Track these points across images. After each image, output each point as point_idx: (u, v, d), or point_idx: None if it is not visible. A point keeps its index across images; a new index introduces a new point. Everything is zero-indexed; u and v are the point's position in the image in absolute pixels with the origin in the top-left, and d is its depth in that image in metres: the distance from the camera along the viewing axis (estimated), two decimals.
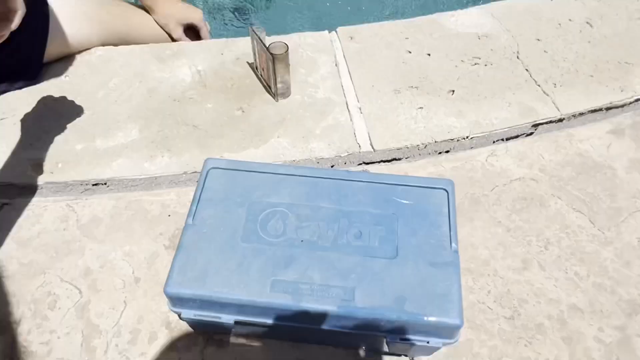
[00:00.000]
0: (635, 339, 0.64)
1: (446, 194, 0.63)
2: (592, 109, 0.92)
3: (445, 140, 0.88)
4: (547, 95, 0.95)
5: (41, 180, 0.82)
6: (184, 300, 0.53)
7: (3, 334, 0.64)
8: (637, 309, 0.67)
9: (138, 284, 0.71)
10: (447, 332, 0.51)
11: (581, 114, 0.92)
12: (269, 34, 0.97)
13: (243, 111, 0.93)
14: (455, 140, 0.88)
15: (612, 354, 0.62)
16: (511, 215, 0.78)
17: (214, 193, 0.64)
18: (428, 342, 0.52)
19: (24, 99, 0.94)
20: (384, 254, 0.57)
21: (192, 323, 0.60)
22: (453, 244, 0.57)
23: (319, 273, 0.54)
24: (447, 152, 0.89)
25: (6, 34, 0.65)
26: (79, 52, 1.04)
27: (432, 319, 0.49)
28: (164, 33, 1.13)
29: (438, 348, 0.55)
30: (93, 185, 0.84)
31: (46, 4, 0.91)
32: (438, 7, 1.13)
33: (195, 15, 1.17)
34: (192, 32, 1.18)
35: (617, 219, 0.77)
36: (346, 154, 0.85)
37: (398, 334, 0.52)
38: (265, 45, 0.87)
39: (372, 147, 0.86)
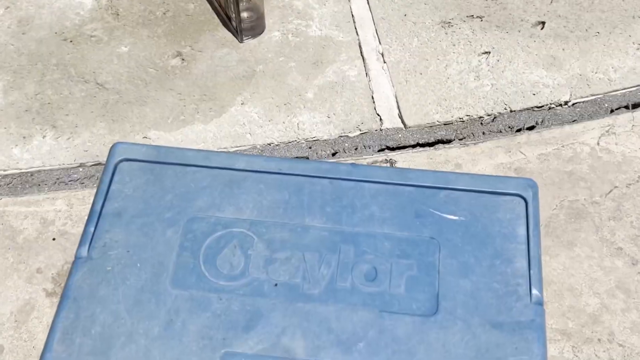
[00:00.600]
0: None
1: (524, 203, 0.64)
2: None
3: (527, 109, 0.88)
4: None
5: None
6: None
7: None
8: None
9: (1, 357, 0.72)
10: None
11: None
12: None
13: (182, 59, 0.94)
14: (546, 107, 0.88)
15: None
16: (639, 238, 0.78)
17: (125, 203, 0.66)
18: None
19: None
20: (415, 309, 0.59)
21: None
22: (534, 291, 0.59)
23: (303, 340, 0.57)
24: (530, 128, 0.88)
25: None
26: None
27: None
28: None
29: None
30: None
31: None
32: None
33: None
34: None
35: None
36: (359, 132, 0.86)
37: None
38: None
39: (403, 122, 0.87)
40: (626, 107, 0.92)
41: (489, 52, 0.94)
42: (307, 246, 0.64)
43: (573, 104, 0.90)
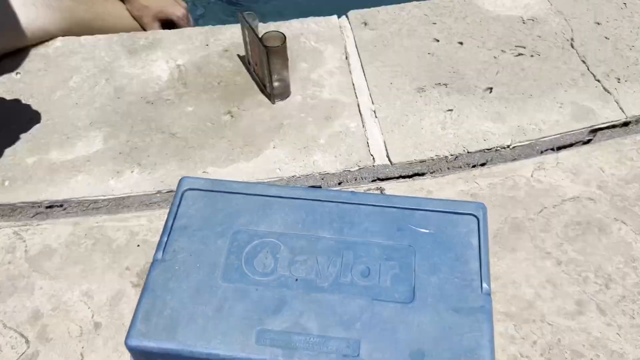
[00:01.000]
0: None
1: (476, 220, 0.64)
2: None
3: (480, 151, 0.89)
4: (609, 93, 0.96)
5: None
6: (149, 354, 0.55)
7: None
8: None
9: (98, 331, 0.71)
10: None
11: None
12: (264, 20, 0.99)
13: (232, 116, 0.95)
14: (493, 150, 0.88)
15: None
16: (563, 244, 0.79)
17: (189, 220, 0.65)
18: None
19: None
20: (397, 297, 0.57)
21: None
22: (484, 284, 0.57)
23: (316, 321, 0.55)
24: (482, 165, 0.89)
25: None
26: (34, 44, 1.06)
27: None
28: (137, 25, 1.18)
29: None
30: (47, 207, 0.85)
31: None
32: None
33: (176, 11, 1.21)
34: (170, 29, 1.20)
35: None
36: (357, 168, 0.86)
37: None
38: (257, 35, 0.88)
39: (389, 160, 0.87)
40: (552, 149, 0.91)
41: (452, 110, 0.93)
42: (319, 251, 0.63)
43: (513, 147, 0.90)
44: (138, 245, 0.81)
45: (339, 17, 1.14)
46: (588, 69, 1.00)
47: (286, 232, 0.64)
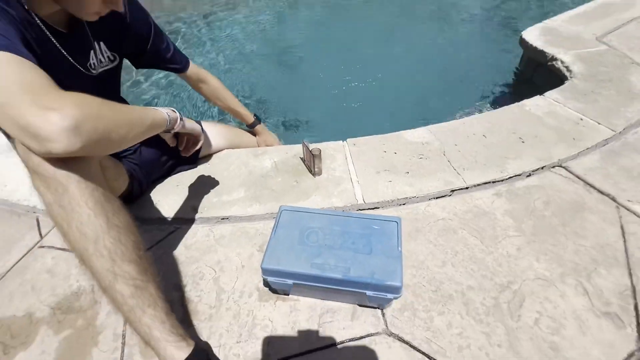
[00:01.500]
0: (504, 306, 0.70)
1: (397, 224, 0.72)
2: (484, 181, 0.95)
3: (402, 198, 0.93)
4: (459, 175, 0.98)
5: (195, 216, 0.92)
6: (269, 271, 0.67)
7: (179, 291, 0.77)
8: (504, 289, 0.73)
9: (244, 268, 0.80)
10: (395, 290, 0.63)
11: (477, 184, 0.95)
12: (311, 142, 1.03)
13: (297, 182, 1.00)
14: (408, 198, 0.93)
15: (489, 313, 0.69)
16: (437, 238, 0.83)
17: (283, 222, 0.74)
18: (386, 296, 0.65)
19: (187, 175, 1.04)
20: (364, 252, 0.67)
21: (272, 285, 0.70)
22: (399, 248, 0.67)
23: (333, 260, 0.66)
24: (403, 204, 0.93)
25: (193, 150, 0.87)
26: (215, 152, 1.12)
27: (388, 282, 0.62)
28: (257, 145, 1.23)
29: (391, 300, 0.65)
30: (222, 219, 0.92)
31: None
32: (402, 127, 1.19)
33: (275, 142, 1.24)
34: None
35: (496, 240, 0.81)
36: (350, 204, 0.91)
37: (372, 290, 0.64)
38: (309, 149, 0.96)
39: (364, 201, 0.92)
40: (434, 198, 0.92)
41: (391, 181, 0.95)
42: (334, 234, 0.70)
43: (418, 197, 0.91)
44: (259, 235, 0.87)
45: (343, 140, 1.14)
46: (450, 164, 1.01)
47: (321, 227, 0.72)
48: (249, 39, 2.75)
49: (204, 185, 1.00)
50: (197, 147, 0.85)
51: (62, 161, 0.47)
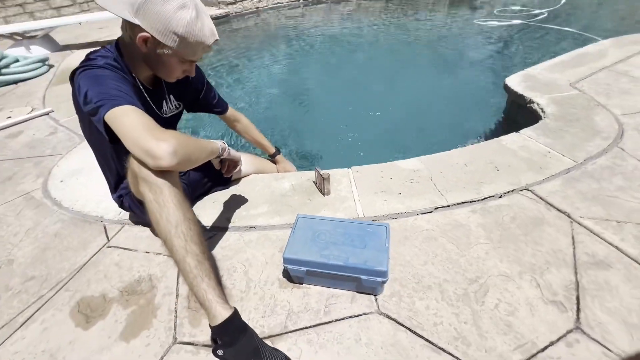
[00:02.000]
0: (471, 294, 0.84)
1: (385, 228, 0.88)
2: (463, 201, 1.10)
3: (394, 213, 1.07)
4: (443, 195, 1.12)
5: (229, 225, 1.08)
6: (289, 260, 0.84)
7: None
8: (472, 282, 0.87)
9: (267, 264, 0.96)
10: (382, 274, 0.79)
11: (457, 203, 1.09)
12: (322, 168, 1.16)
13: (310, 200, 1.16)
14: (399, 213, 1.07)
15: (459, 299, 0.84)
16: (421, 244, 0.97)
17: (299, 226, 0.90)
18: (376, 279, 0.83)
19: (222, 194, 1.23)
20: (360, 247, 0.83)
21: (290, 272, 0.85)
22: (387, 244, 0.84)
23: (337, 252, 0.83)
24: (395, 218, 1.06)
25: (232, 173, 1.11)
26: (244, 176, 1.29)
27: (376, 268, 0.80)
28: (276, 171, 1.39)
29: (380, 283, 0.82)
30: (249, 228, 1.07)
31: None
32: (398, 157, 1.35)
33: (292, 169, 1.42)
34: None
35: (469, 246, 0.96)
36: (352, 218, 1.06)
37: (366, 275, 0.82)
38: (320, 174, 1.13)
39: (364, 215, 1.07)
40: (421, 214, 1.06)
41: (386, 200, 1.08)
42: (338, 234, 0.85)
43: (406, 213, 1.05)
44: (279, 239, 1.03)
45: (348, 167, 1.28)
46: (435, 187, 1.15)
47: (328, 229, 0.88)
48: (269, 82, 3.15)
49: (235, 202, 1.18)
50: (236, 170, 1.10)
51: (161, 173, 0.74)
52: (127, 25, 0.80)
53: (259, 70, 3.38)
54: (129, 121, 0.71)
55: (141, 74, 0.87)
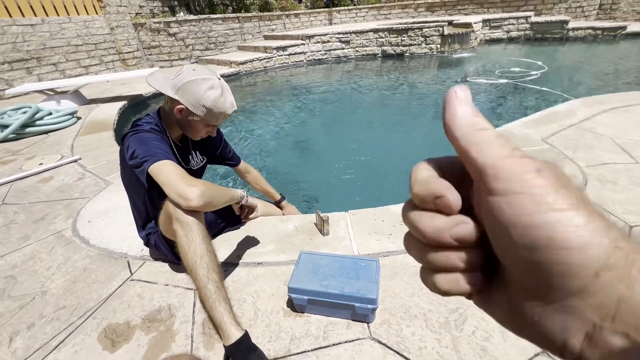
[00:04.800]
0: (452, 322, 0.97)
1: (376, 262, 1.02)
2: None
3: (385, 252, 1.19)
4: None
5: (239, 261, 1.21)
6: (293, 289, 1.00)
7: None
8: (453, 312, 0.99)
9: (273, 296, 1.08)
10: (372, 301, 0.92)
11: None
12: (323, 212, 1.29)
13: (311, 239, 1.28)
14: (390, 252, 1.19)
15: (441, 327, 0.95)
16: (409, 279, 1.08)
17: (303, 260, 1.03)
18: (367, 306, 0.97)
19: (233, 234, 1.41)
20: (354, 278, 0.99)
21: (293, 301, 0.97)
22: (377, 277, 0.99)
23: (334, 282, 0.99)
24: (386, 256, 1.17)
25: (250, 217, 1.30)
26: (252, 218, 1.41)
27: (368, 296, 0.96)
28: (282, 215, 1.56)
29: (371, 310, 0.95)
30: (257, 264, 1.19)
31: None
32: (390, 201, 1.49)
33: (295, 212, 1.56)
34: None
35: None
36: (347, 253, 1.17)
37: (359, 302, 0.97)
38: (320, 216, 1.28)
39: (358, 253, 1.20)
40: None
41: (378, 240, 1.26)
42: (335, 268, 0.96)
43: (395, 251, 1.19)
44: (283, 274, 1.15)
45: (345, 211, 1.40)
46: None
47: (327, 263, 1.01)
48: (273, 132, 3.46)
49: (245, 241, 1.30)
50: (253, 215, 1.29)
51: (191, 214, 0.93)
52: (169, 99, 1.05)
53: (264, 122, 3.71)
54: (167, 171, 0.93)
55: (173, 133, 1.11)
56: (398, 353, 0.92)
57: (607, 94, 2.93)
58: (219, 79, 0.99)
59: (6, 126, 2.82)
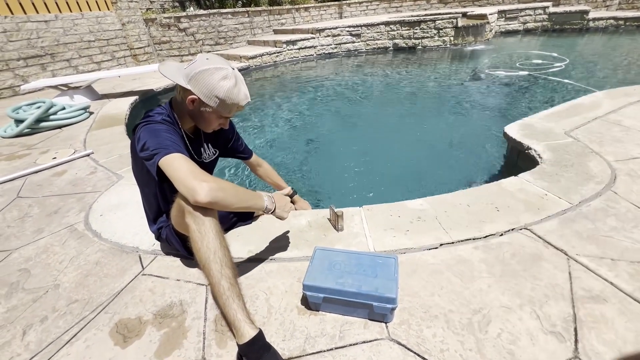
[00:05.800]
0: (475, 324, 0.91)
1: (394, 259, 0.98)
2: (466, 238, 1.18)
3: (402, 249, 1.15)
4: (447, 233, 1.20)
5: (251, 257, 1.18)
6: (308, 287, 0.95)
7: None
8: (476, 313, 0.94)
9: (286, 293, 1.04)
10: (391, 300, 0.87)
11: (461, 240, 1.17)
12: (337, 207, 1.27)
13: (325, 235, 1.24)
14: (407, 249, 1.15)
15: (464, 328, 0.91)
16: (428, 277, 1.04)
17: (317, 257, 1.00)
18: (386, 306, 0.93)
19: (245, 229, 1.36)
20: (372, 276, 0.94)
21: (308, 298, 0.93)
22: (395, 275, 0.94)
23: (351, 280, 0.94)
24: (404, 253, 1.14)
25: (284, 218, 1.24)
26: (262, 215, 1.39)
27: (386, 295, 0.91)
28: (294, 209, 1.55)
29: (390, 309, 0.90)
30: (270, 259, 1.17)
31: None
32: (405, 197, 1.44)
33: (308, 207, 1.52)
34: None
35: (472, 279, 1.03)
36: (363, 250, 1.13)
37: (377, 301, 0.92)
38: (335, 212, 1.24)
39: (374, 250, 1.16)
40: (427, 249, 1.17)
41: (395, 237, 1.16)
42: (352, 265, 0.93)
43: (413, 248, 1.13)
44: (297, 270, 1.11)
45: (359, 206, 1.36)
46: (440, 225, 1.23)
47: (343, 260, 0.97)
48: (283, 129, 3.42)
49: (257, 236, 1.29)
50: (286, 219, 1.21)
51: (203, 209, 0.89)
52: (181, 89, 1.00)
53: (274, 116, 3.67)
54: (178, 165, 0.89)
55: (185, 125, 1.07)
56: (419, 355, 0.87)
57: (634, 85, 2.77)
58: (233, 69, 0.94)
59: (21, 121, 2.86)
